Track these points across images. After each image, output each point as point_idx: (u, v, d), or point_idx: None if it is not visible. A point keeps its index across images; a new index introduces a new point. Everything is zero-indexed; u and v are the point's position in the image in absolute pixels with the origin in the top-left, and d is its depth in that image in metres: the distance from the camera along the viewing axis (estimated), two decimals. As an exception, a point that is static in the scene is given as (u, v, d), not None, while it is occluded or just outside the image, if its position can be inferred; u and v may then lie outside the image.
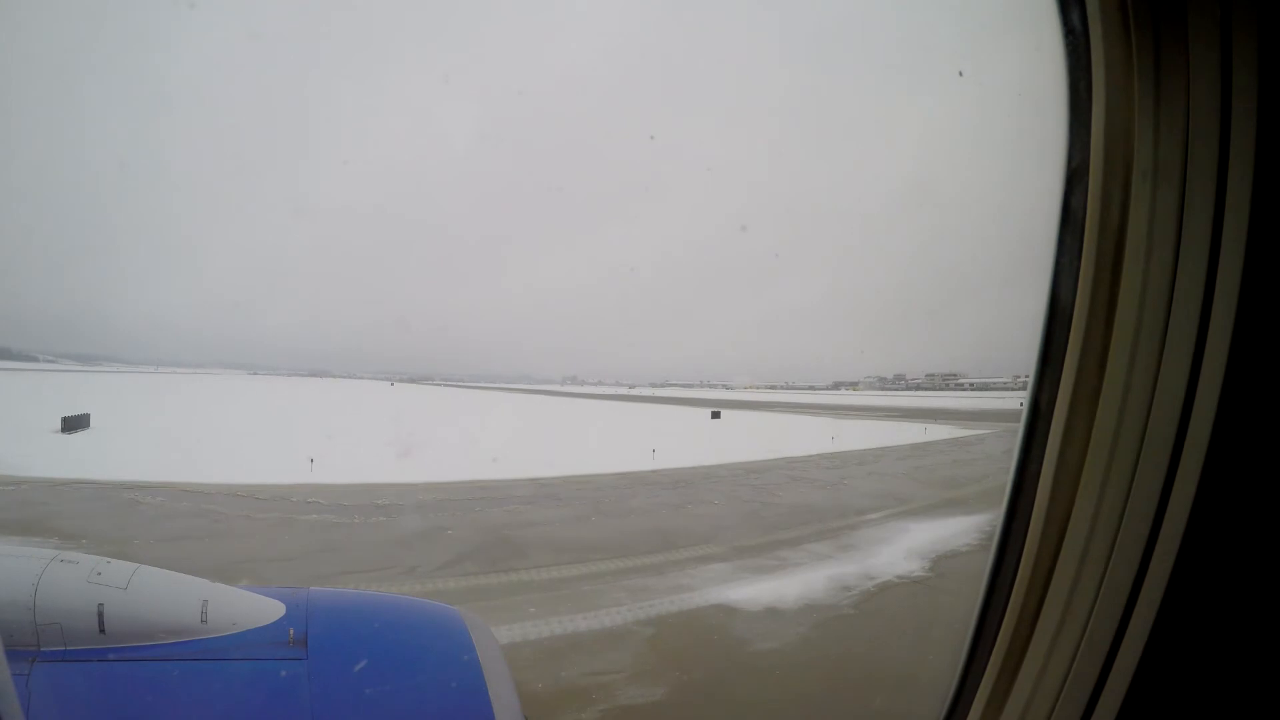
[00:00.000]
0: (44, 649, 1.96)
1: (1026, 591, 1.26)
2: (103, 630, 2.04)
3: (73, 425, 36.21)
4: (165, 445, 32.40)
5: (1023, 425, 1.30)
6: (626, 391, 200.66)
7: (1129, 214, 1.12)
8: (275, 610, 2.38)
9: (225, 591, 2.41)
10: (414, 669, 2.37)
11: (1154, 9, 1.03)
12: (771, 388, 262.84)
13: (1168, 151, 1.04)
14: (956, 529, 20.26)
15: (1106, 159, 1.13)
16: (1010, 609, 1.29)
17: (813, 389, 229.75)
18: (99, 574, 2.16)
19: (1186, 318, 1.02)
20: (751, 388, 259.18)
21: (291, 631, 2.27)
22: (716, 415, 70.34)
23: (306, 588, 2.66)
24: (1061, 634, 1.18)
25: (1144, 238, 1.10)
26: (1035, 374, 1.29)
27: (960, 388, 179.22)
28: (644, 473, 31.10)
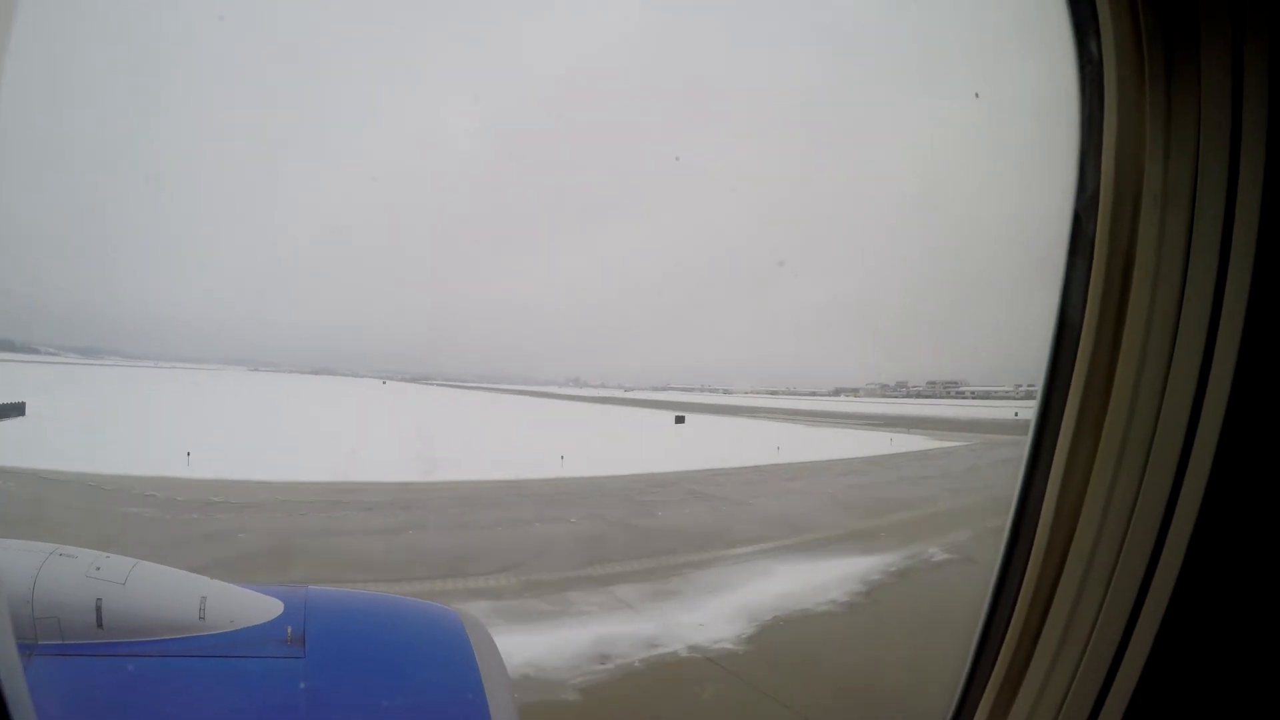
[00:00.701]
0: (41, 643, 2.03)
1: (1031, 599, 1.28)
2: (100, 625, 2.10)
3: (3, 413, 36.62)
4: (85, 436, 31.43)
5: (1030, 438, 1.33)
6: (621, 394, 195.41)
7: (1138, 235, 1.13)
8: (273, 608, 2.41)
9: (223, 589, 2.43)
10: (411, 669, 2.40)
11: (1167, 29, 1.03)
12: (772, 393, 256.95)
13: (1177, 174, 1.06)
14: (833, 576, 15.09)
15: (1117, 180, 1.15)
16: (1016, 616, 1.31)
17: (814, 395, 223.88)
18: (98, 569, 2.21)
19: (1193, 339, 1.04)
20: (752, 393, 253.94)
21: (289, 630, 2.30)
22: (680, 420, 65.48)
23: (305, 586, 2.67)
24: (1066, 642, 1.21)
25: (1152, 259, 1.11)
26: (1043, 390, 1.31)
27: (961, 395, 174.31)
28: (528, 481, 27.01)
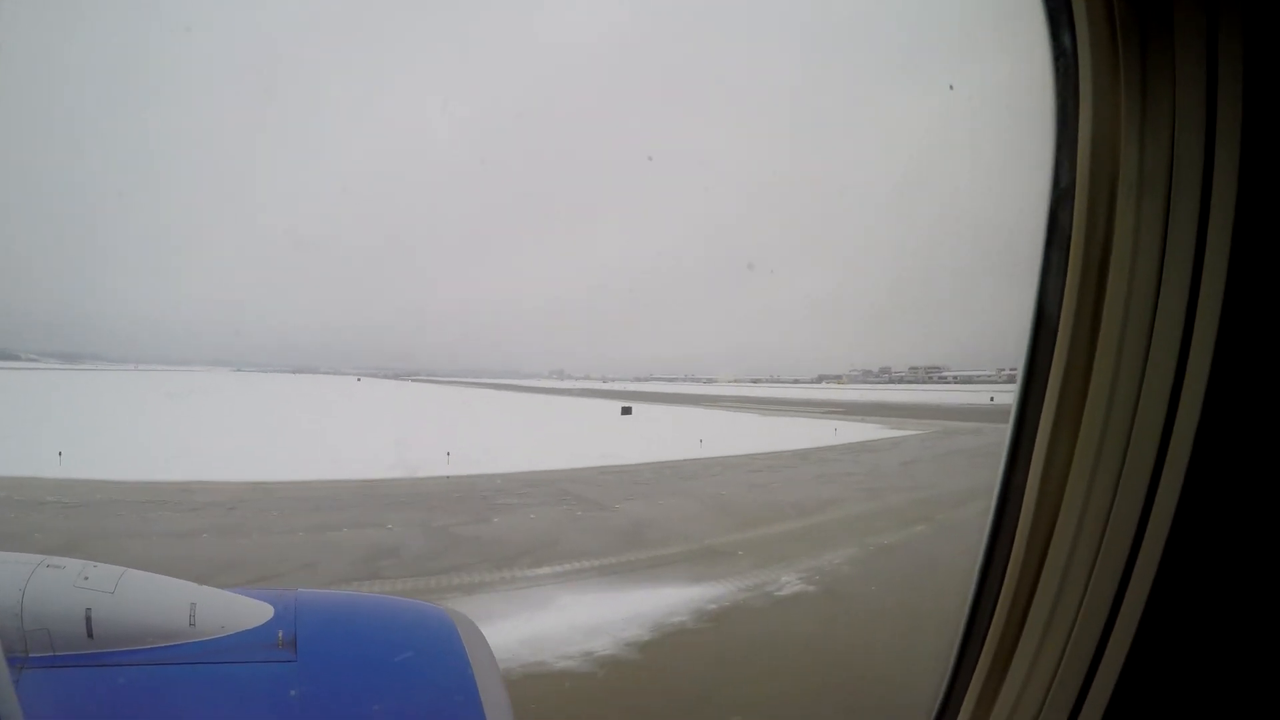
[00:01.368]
0: (32, 655, 2.00)
1: (1014, 594, 1.28)
2: (91, 635, 2.06)
3: None
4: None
5: (1009, 431, 1.33)
6: (599, 386, 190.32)
7: (1114, 224, 1.12)
8: (264, 612, 2.38)
9: (213, 594, 2.41)
10: (404, 670, 2.37)
11: (1141, 16, 1.04)
12: (755, 382, 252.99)
13: (1153, 162, 1.06)
14: (622, 614, 10.12)
15: (1093, 168, 1.14)
16: (998, 612, 1.32)
17: (797, 383, 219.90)
18: (86, 578, 2.17)
19: (1170, 326, 1.04)
20: (736, 382, 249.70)
21: (280, 634, 2.28)
22: (627, 411, 60.47)
23: (295, 589, 2.65)
24: (1049, 635, 1.22)
25: (1129, 247, 1.10)
26: (1021, 382, 1.30)
27: (944, 380, 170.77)
28: (383, 481, 22.35)
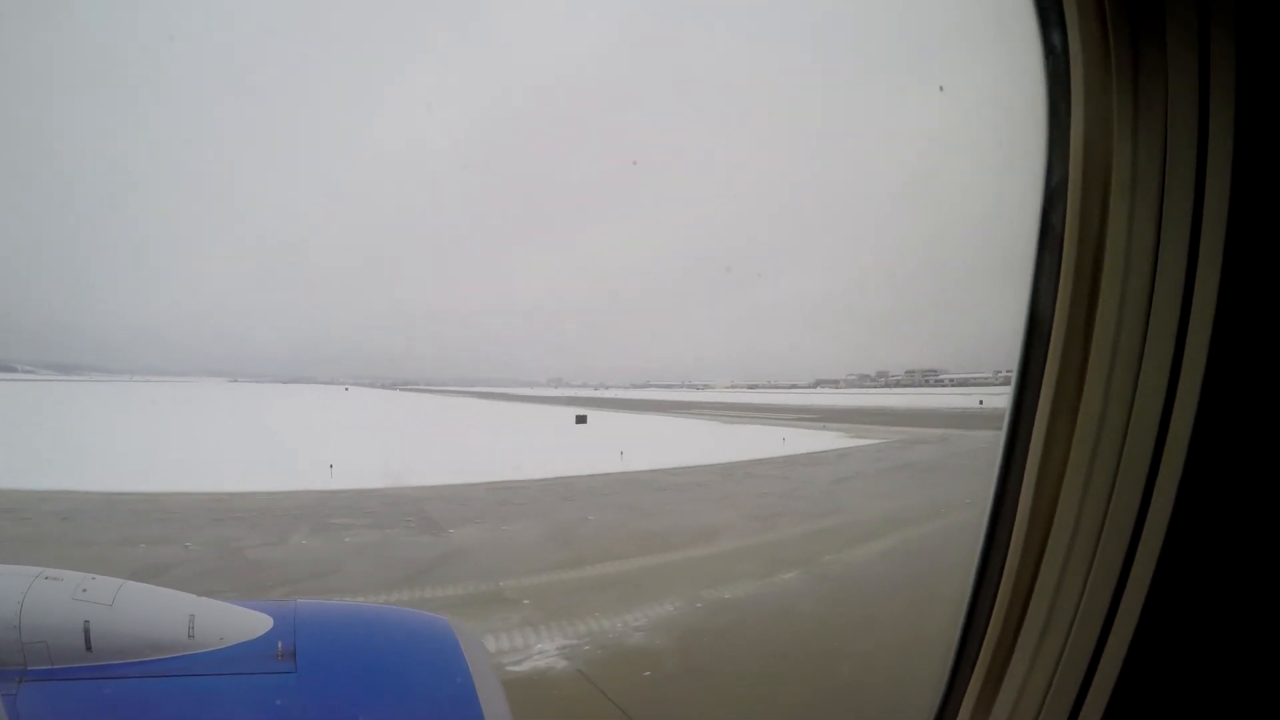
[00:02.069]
0: (30, 668, 1.99)
1: (1011, 595, 1.28)
2: (89, 647, 2.05)
3: None
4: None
5: (1005, 433, 1.32)
6: (590, 394, 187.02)
7: (1107, 223, 1.12)
8: (263, 624, 2.37)
9: (211, 606, 2.40)
10: (404, 680, 2.38)
11: (1133, 14, 1.03)
12: (752, 387, 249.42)
13: (1145, 161, 1.05)
14: None
15: (1085, 167, 1.14)
16: (996, 613, 1.31)
17: (794, 388, 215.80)
18: (84, 590, 2.16)
19: (1165, 325, 1.03)
20: (733, 387, 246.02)
21: (280, 645, 2.27)
22: (582, 420, 56.97)
23: (293, 600, 2.63)
24: (1047, 636, 1.21)
25: (1122, 246, 1.09)
26: (1016, 383, 1.30)
27: (940, 384, 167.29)
28: (233, 495, 19.89)
